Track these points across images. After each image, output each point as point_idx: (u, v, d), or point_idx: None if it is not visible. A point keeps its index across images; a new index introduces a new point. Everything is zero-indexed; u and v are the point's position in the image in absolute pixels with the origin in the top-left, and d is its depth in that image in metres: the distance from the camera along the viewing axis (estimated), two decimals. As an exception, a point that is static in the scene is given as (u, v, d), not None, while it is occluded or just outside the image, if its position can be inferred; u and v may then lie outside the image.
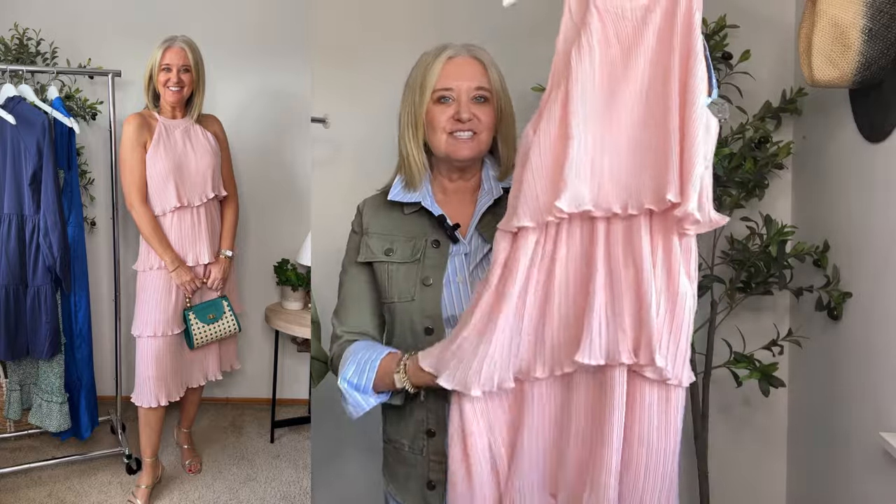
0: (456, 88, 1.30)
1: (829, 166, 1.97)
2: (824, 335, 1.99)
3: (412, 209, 1.38)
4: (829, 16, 1.59)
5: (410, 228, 1.38)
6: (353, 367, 1.30)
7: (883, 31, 1.56)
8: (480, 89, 1.31)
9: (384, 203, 1.41)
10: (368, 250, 1.39)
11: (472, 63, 1.33)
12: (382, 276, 1.37)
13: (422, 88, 1.32)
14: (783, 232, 1.95)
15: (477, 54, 1.34)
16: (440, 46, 1.34)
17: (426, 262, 1.34)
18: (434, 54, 1.33)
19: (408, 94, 1.36)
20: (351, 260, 1.43)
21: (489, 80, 1.33)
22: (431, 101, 1.31)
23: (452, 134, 1.31)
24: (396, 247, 1.37)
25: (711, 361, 2.09)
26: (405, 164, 1.37)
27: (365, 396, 1.29)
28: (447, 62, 1.31)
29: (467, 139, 1.31)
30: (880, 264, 1.69)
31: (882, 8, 1.55)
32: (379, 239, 1.39)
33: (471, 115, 1.30)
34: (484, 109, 1.32)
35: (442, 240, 1.35)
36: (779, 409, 2.26)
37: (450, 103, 1.31)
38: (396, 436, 1.41)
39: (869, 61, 1.59)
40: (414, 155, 1.35)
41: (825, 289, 1.91)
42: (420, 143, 1.35)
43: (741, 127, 2.05)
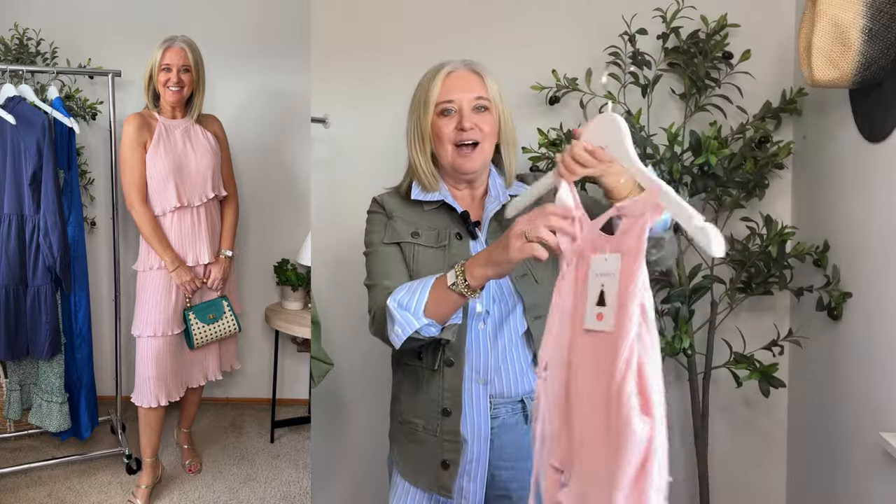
0: (457, 100, 1.38)
1: (829, 166, 1.97)
2: (824, 335, 1.99)
3: (432, 206, 1.45)
4: (829, 16, 1.59)
5: (433, 221, 1.44)
6: (403, 290, 1.29)
7: (883, 31, 1.56)
8: (480, 99, 1.39)
9: (404, 199, 1.48)
10: (395, 232, 1.43)
11: (471, 75, 1.41)
12: (408, 257, 1.41)
13: (425, 104, 1.40)
14: (783, 232, 1.95)
15: (474, 67, 1.42)
16: (439, 64, 1.42)
17: (452, 249, 1.40)
18: (434, 71, 1.42)
19: (413, 110, 1.44)
20: (379, 238, 1.44)
21: (487, 90, 1.40)
22: (435, 114, 1.40)
23: (458, 146, 1.39)
24: (422, 232, 1.42)
25: (711, 361, 2.09)
26: (417, 175, 1.45)
27: (414, 316, 1.27)
28: (447, 77, 1.40)
29: (471, 152, 1.39)
30: (880, 264, 1.69)
31: (882, 8, 1.55)
32: (404, 223, 1.44)
33: (472, 124, 1.37)
34: (485, 118, 1.39)
35: (463, 234, 1.42)
36: (779, 409, 2.26)
37: (452, 115, 1.39)
38: (410, 416, 1.44)
39: (869, 61, 1.59)
40: (423, 167, 1.43)
41: (825, 289, 1.91)
42: (428, 155, 1.43)
43: (741, 127, 2.05)
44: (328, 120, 2.26)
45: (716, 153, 1.91)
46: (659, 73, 2.12)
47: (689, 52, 2.07)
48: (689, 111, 2.11)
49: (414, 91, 1.45)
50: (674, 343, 1.94)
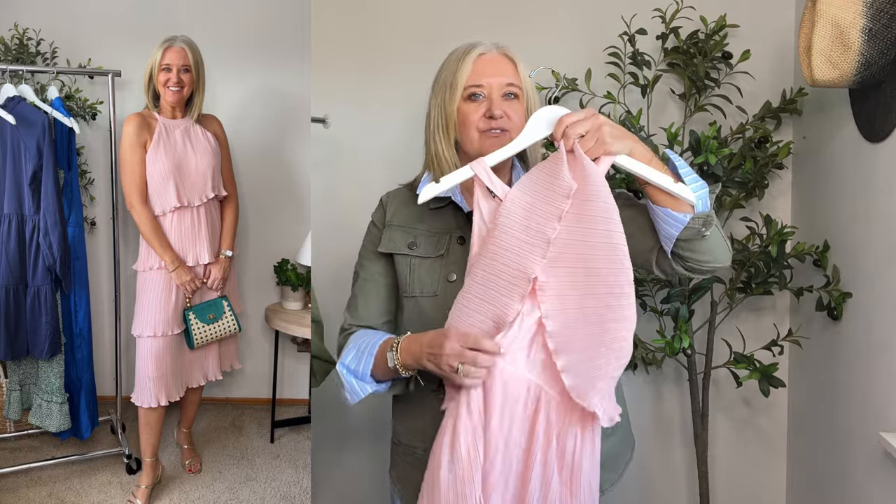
0: (487, 85, 1.28)
1: (829, 166, 1.97)
2: (824, 335, 1.99)
3: (439, 204, 1.36)
4: (829, 16, 1.59)
5: (435, 224, 1.36)
6: (352, 352, 1.30)
7: (883, 31, 1.56)
8: (511, 86, 1.29)
9: (409, 197, 1.39)
10: (391, 242, 1.37)
11: (503, 59, 1.31)
12: (404, 270, 1.34)
13: (452, 86, 1.29)
14: (783, 232, 1.95)
15: (507, 51, 1.32)
16: (469, 44, 1.31)
17: (450, 258, 1.32)
18: (464, 51, 1.30)
19: (437, 92, 1.33)
20: (368, 252, 1.42)
21: (520, 76, 1.31)
22: (462, 98, 1.29)
23: (485, 132, 1.28)
24: (420, 241, 1.35)
25: (711, 361, 2.09)
26: (434, 163, 1.34)
27: (362, 383, 1.28)
28: (478, 59, 1.29)
29: (499, 137, 1.27)
30: (880, 264, 1.69)
31: (882, 8, 1.55)
32: (402, 232, 1.37)
33: (502, 112, 1.27)
34: (514, 107, 1.29)
35: (467, 237, 1.32)
36: (779, 409, 2.26)
37: (481, 100, 1.28)
38: (409, 439, 1.38)
39: (869, 61, 1.59)
40: (444, 154, 1.32)
41: (825, 289, 1.91)
42: (451, 141, 1.32)
43: (741, 127, 2.05)
44: (328, 120, 2.26)
45: (715, 153, 1.90)
46: (658, 74, 2.12)
47: (688, 53, 2.07)
48: (688, 111, 2.11)
49: (439, 69, 1.34)
50: (673, 343, 1.94)
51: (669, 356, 1.99)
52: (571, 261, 1.11)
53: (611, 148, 1.12)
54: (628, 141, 1.14)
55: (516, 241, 1.14)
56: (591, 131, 1.11)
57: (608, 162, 1.13)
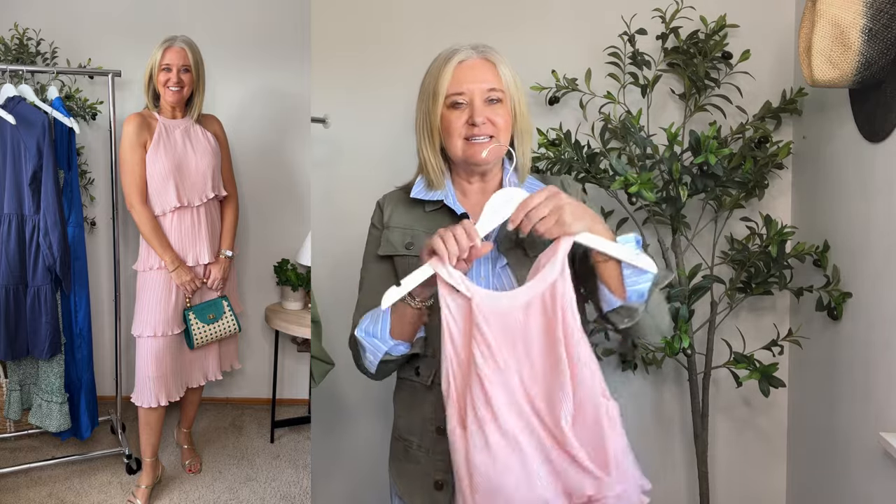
0: (468, 92, 1.28)
1: (829, 166, 1.97)
2: (824, 335, 1.99)
3: (433, 207, 1.37)
4: (829, 16, 1.59)
5: (431, 225, 1.36)
6: (368, 318, 1.30)
7: (883, 31, 1.56)
8: (493, 90, 1.29)
9: (405, 199, 1.40)
10: (389, 244, 1.38)
11: (483, 64, 1.31)
12: (403, 271, 1.34)
13: (434, 95, 1.30)
14: (783, 232, 1.95)
15: (487, 55, 1.32)
16: (450, 50, 1.32)
17: None
18: (444, 59, 1.31)
19: (421, 100, 1.34)
20: (370, 255, 1.42)
21: (501, 79, 1.31)
22: (445, 106, 1.30)
23: (468, 139, 1.29)
24: (417, 241, 1.35)
25: (711, 361, 2.09)
26: (424, 169, 1.36)
27: (383, 340, 1.28)
28: (458, 66, 1.29)
29: (483, 144, 1.29)
30: (880, 264, 1.69)
31: (882, 8, 1.55)
32: (400, 233, 1.38)
33: (485, 118, 1.28)
34: (498, 111, 1.30)
35: None
36: (779, 409, 2.26)
37: (463, 108, 1.29)
38: (405, 432, 1.40)
39: (869, 61, 1.59)
40: (431, 161, 1.34)
41: (825, 289, 1.91)
42: (437, 148, 1.34)
43: (741, 127, 2.05)
44: (328, 120, 2.26)
45: (715, 153, 1.91)
46: (658, 74, 2.12)
47: (688, 53, 2.07)
48: (688, 111, 2.11)
49: (423, 77, 1.35)
50: (673, 343, 1.94)
51: (669, 356, 1.99)
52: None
53: (570, 229, 1.14)
54: (587, 220, 1.16)
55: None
56: (552, 213, 1.14)
57: (569, 242, 1.15)
